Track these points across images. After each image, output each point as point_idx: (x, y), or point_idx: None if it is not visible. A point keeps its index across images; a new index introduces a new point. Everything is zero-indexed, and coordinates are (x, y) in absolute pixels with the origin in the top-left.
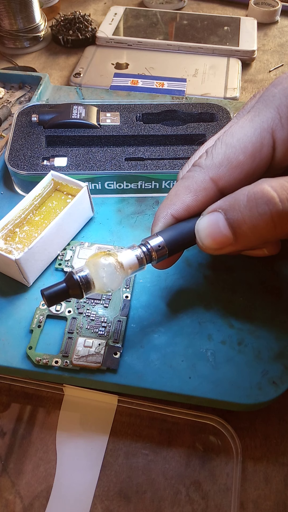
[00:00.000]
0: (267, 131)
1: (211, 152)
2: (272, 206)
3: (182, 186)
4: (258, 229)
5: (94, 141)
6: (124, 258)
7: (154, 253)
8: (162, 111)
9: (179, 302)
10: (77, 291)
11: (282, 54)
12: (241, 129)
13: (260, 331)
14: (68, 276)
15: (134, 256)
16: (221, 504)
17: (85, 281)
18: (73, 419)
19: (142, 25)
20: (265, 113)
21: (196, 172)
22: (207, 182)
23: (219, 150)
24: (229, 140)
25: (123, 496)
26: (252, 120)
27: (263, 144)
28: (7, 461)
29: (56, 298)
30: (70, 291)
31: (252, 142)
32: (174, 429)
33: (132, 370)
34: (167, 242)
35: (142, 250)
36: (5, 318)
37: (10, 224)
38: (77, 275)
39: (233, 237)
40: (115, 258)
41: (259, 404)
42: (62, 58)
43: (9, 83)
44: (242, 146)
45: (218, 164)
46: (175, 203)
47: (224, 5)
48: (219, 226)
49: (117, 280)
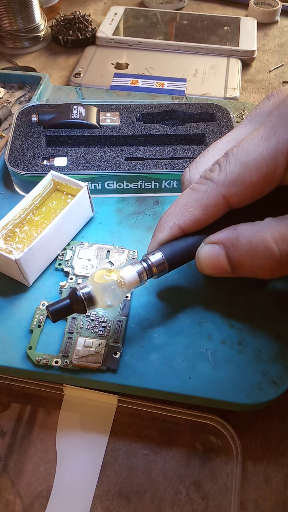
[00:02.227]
0: (283, 152)
1: (224, 168)
2: (272, 260)
3: (193, 199)
4: (256, 273)
5: (94, 141)
6: (125, 275)
7: (155, 269)
8: (162, 111)
9: (179, 302)
10: (80, 307)
11: (282, 54)
12: (257, 147)
13: (260, 331)
14: (72, 293)
15: (135, 272)
16: (221, 504)
17: (88, 297)
18: (73, 419)
19: (142, 25)
20: (281, 133)
21: (209, 187)
22: (218, 198)
23: (234, 168)
24: (244, 158)
25: (123, 496)
26: (268, 139)
27: (277, 166)
28: (7, 461)
29: (60, 314)
30: (74, 307)
31: (267, 163)
32: (174, 429)
33: (132, 370)
34: (167, 259)
35: (143, 266)
36: (5, 318)
37: (10, 224)
38: (81, 292)
39: (231, 271)
40: (117, 275)
41: (259, 404)
42: (62, 58)
43: (9, 83)
44: (256, 166)
45: (232, 183)
46: (184, 215)
47: (224, 5)
48: (219, 260)
49: (118, 296)
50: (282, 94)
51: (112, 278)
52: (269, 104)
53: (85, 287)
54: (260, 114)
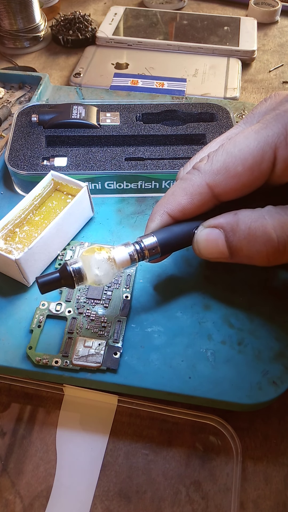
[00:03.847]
0: (270, 146)
1: (211, 158)
2: (270, 247)
3: (180, 187)
4: (253, 259)
5: (94, 141)
6: (117, 254)
7: (147, 252)
8: (162, 111)
9: (179, 302)
10: (70, 282)
11: (282, 54)
12: (245, 139)
13: (260, 331)
14: (62, 267)
15: (126, 253)
16: (221, 504)
17: (78, 273)
18: (73, 419)
19: (142, 25)
20: (272, 128)
21: (194, 175)
22: (203, 187)
23: (220, 157)
24: (231, 149)
25: (123, 496)
26: (258, 132)
27: (264, 159)
28: (7, 461)
29: (48, 286)
30: (63, 281)
31: (253, 155)
32: (174, 429)
33: (132, 370)
34: (160, 243)
35: (135, 248)
36: (5, 318)
37: (10, 224)
38: (71, 267)
39: (229, 255)
40: (108, 253)
41: (259, 404)
42: (62, 58)
43: (9, 83)
44: (242, 157)
45: (216, 171)
46: (171, 203)
47: (224, 5)
48: (218, 244)
49: (108, 275)
50: (279, 96)
51: (103, 256)
52: (266, 106)
53: (76, 263)
54: (256, 115)
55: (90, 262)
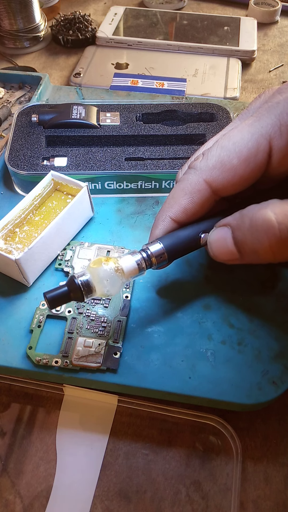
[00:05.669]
0: (265, 137)
1: (206, 155)
2: (271, 235)
3: (178, 189)
4: (258, 253)
5: (94, 141)
6: (124, 264)
7: (154, 259)
8: (162, 111)
9: (179, 302)
10: (78, 295)
11: (282, 54)
12: (239, 133)
13: (260, 331)
14: (70, 280)
15: (134, 262)
16: (221, 504)
17: (86, 285)
18: (73, 419)
19: (142, 25)
20: (265, 119)
21: (191, 174)
22: (201, 184)
23: (214, 152)
24: (225, 143)
25: (123, 496)
26: (251, 125)
27: (259, 150)
28: (7, 461)
29: (58, 301)
30: (72, 295)
31: (248, 147)
32: (174, 429)
33: (132, 370)
34: (167, 249)
35: (142, 256)
36: (5, 318)
37: (10, 224)
38: (79, 279)
39: (238, 254)
40: (116, 263)
41: (259, 404)
42: (62, 58)
43: (9, 83)
44: (237, 150)
45: (211, 167)
46: (172, 206)
47: (224, 5)
48: (226, 242)
49: (117, 285)
50: (271, 90)
51: (111, 266)
52: (260, 101)
53: (83, 275)
54: (251, 111)
55: (98, 273)
